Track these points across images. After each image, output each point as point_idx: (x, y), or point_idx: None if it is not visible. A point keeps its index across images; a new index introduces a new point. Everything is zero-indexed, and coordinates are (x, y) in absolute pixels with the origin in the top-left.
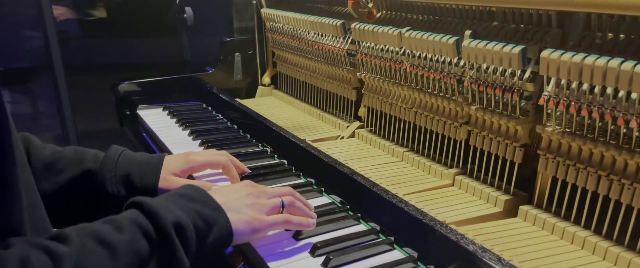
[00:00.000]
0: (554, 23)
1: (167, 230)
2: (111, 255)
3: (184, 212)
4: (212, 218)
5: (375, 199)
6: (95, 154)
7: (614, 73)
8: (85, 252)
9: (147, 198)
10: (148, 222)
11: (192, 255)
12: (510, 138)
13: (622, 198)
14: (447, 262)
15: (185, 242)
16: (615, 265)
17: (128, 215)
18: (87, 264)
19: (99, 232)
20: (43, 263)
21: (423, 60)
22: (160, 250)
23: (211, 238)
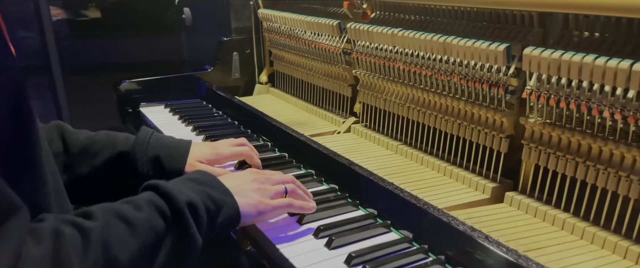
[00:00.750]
0: (535, 23)
1: (181, 209)
2: (131, 231)
3: (195, 193)
4: (221, 201)
5: (372, 187)
6: (126, 137)
7: (589, 68)
8: (109, 227)
9: (161, 181)
10: (163, 203)
11: (204, 233)
12: (496, 130)
13: (598, 182)
14: (439, 241)
15: (197, 220)
16: (591, 243)
17: (145, 196)
18: (110, 238)
19: (119, 210)
20: (73, 235)
21: (415, 58)
22: (175, 227)
23: (220, 218)
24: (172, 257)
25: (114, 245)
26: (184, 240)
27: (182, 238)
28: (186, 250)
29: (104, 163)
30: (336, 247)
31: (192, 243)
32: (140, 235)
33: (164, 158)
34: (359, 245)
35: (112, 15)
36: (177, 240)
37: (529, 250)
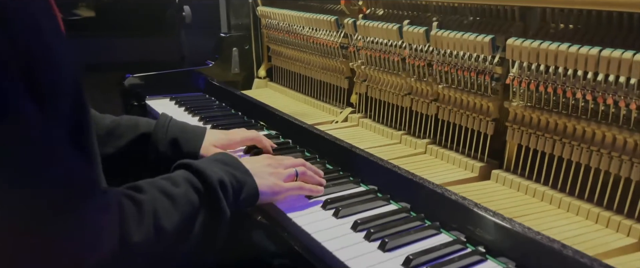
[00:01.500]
0: (517, 17)
1: (214, 185)
2: (173, 204)
3: (223, 172)
4: (242, 180)
5: (372, 166)
6: (147, 121)
7: (563, 55)
8: (156, 200)
9: (193, 161)
10: (197, 180)
11: (231, 207)
12: (483, 114)
13: (573, 157)
14: (434, 210)
15: (226, 195)
16: (567, 211)
17: (180, 173)
18: (158, 209)
19: (162, 186)
20: (129, 206)
21: (410, 50)
22: (207, 202)
23: (242, 196)
24: (206, 228)
25: (161, 215)
26: (216, 212)
27: (214, 211)
28: (217, 221)
29: (127, 144)
30: (343, 216)
31: (222, 215)
32: (180, 208)
33: (182, 140)
34: (362, 215)
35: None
36: (210, 213)
37: (513, 217)
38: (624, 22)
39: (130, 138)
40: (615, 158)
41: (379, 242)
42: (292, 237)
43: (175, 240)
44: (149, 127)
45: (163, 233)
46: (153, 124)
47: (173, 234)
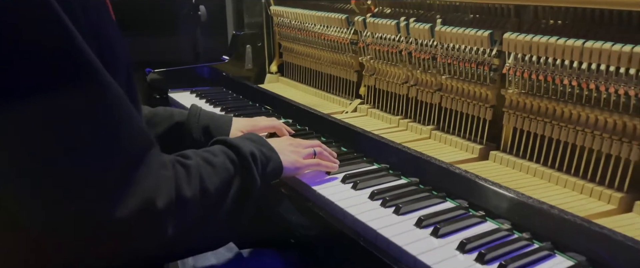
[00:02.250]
0: (512, 14)
1: (247, 157)
2: (214, 170)
3: (253, 147)
4: (269, 155)
5: (383, 147)
6: (180, 111)
7: (553, 47)
8: (200, 165)
9: (228, 138)
10: (232, 152)
11: (260, 178)
12: (482, 101)
13: (561, 137)
14: (440, 183)
15: (256, 165)
16: (556, 184)
17: (218, 147)
18: (202, 173)
19: (204, 155)
20: (180, 168)
21: (416, 45)
22: (241, 171)
23: (268, 169)
24: (240, 193)
25: (205, 178)
26: (248, 179)
27: (247, 178)
28: (249, 187)
29: (163, 132)
30: (361, 189)
31: (253, 182)
32: (219, 174)
33: (212, 127)
34: (378, 187)
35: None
36: (243, 180)
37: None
38: (604, 17)
39: (166, 126)
40: (598, 137)
41: (393, 208)
42: (316, 206)
43: (215, 202)
44: (182, 117)
45: (206, 194)
46: (186, 114)
47: (214, 195)
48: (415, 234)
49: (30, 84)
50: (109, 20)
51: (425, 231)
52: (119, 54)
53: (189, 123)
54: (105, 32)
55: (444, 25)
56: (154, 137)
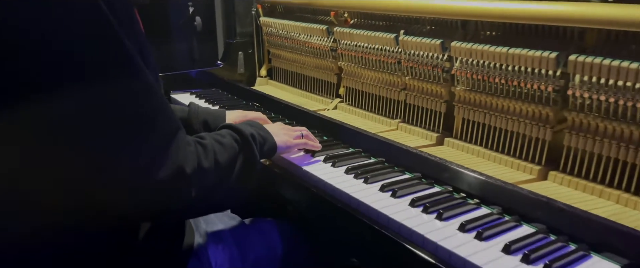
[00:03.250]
0: (459, 26)
1: (248, 137)
2: (223, 148)
3: (253, 130)
4: (265, 136)
5: (356, 136)
6: (181, 108)
7: (488, 53)
8: (213, 144)
9: (232, 123)
10: (236, 134)
11: (258, 154)
12: (437, 97)
13: (498, 124)
14: (401, 160)
15: (256, 144)
16: (494, 162)
17: (225, 130)
18: (215, 150)
19: (215, 137)
20: (199, 147)
21: (383, 51)
22: (243, 149)
23: (266, 147)
24: (244, 166)
25: (217, 154)
26: (249, 155)
27: (248, 155)
28: (251, 162)
29: None
30: (338, 167)
31: (254, 157)
32: (227, 150)
33: (210, 120)
34: (352, 164)
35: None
36: (246, 155)
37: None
38: (525, 29)
39: None
40: (522, 122)
41: (363, 179)
42: (304, 181)
43: (225, 172)
44: (183, 113)
45: (219, 166)
46: (186, 111)
47: (224, 167)
48: (378, 195)
49: (94, 78)
50: (140, 30)
51: (386, 194)
52: (148, 56)
53: (190, 118)
54: (141, 39)
55: (406, 35)
56: None
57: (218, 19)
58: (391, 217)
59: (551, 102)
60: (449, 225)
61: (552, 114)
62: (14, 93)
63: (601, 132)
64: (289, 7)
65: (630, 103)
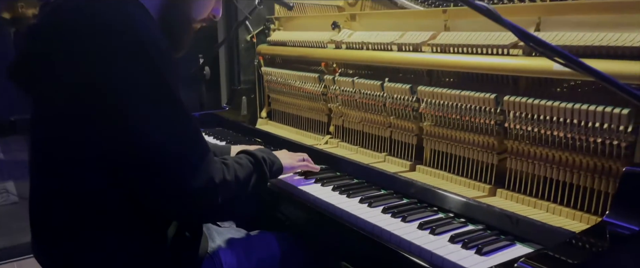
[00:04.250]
0: (425, 74)
1: (260, 160)
2: (242, 167)
3: (264, 154)
4: (274, 160)
5: (343, 164)
6: None
7: (445, 95)
8: (234, 164)
9: (248, 149)
10: (251, 158)
11: (268, 174)
12: (410, 131)
13: (455, 152)
14: (378, 181)
15: (266, 165)
16: (454, 183)
17: (242, 155)
18: (236, 168)
19: (235, 159)
20: (223, 165)
21: (362, 94)
22: (256, 169)
23: (274, 168)
24: (256, 182)
25: (237, 171)
26: (261, 174)
27: (260, 174)
28: (262, 180)
29: None
30: (326, 185)
31: (264, 175)
32: (244, 170)
33: (217, 153)
34: (338, 183)
35: None
36: (258, 174)
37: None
38: (474, 76)
39: None
40: (474, 150)
41: (346, 195)
42: (300, 198)
43: (243, 186)
44: None
45: (238, 180)
46: None
47: (242, 182)
48: (359, 207)
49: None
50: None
51: (364, 205)
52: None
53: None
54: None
55: (387, 82)
56: None
57: (222, 69)
58: (368, 220)
59: (494, 133)
60: (410, 225)
61: (496, 143)
62: (108, 127)
63: (533, 156)
64: (286, 59)
65: (555, 132)
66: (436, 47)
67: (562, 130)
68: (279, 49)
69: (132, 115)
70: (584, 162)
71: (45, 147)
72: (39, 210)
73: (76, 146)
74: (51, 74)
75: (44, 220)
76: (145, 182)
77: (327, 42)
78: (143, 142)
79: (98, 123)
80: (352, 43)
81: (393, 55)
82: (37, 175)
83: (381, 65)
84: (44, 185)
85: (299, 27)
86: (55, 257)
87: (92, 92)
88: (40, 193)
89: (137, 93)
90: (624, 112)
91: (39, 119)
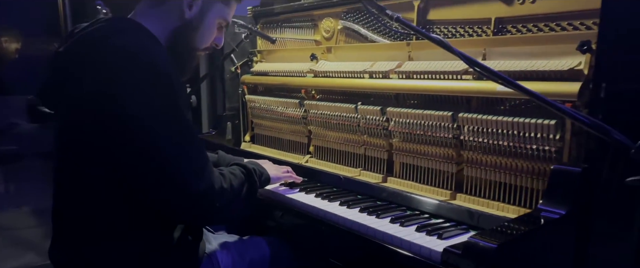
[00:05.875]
0: (392, 97)
1: (251, 171)
2: (235, 177)
3: (254, 166)
4: (262, 171)
5: (322, 175)
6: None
7: (409, 114)
8: (228, 174)
9: (240, 161)
10: (243, 169)
11: (258, 183)
12: (381, 147)
13: (420, 163)
14: (351, 188)
15: (256, 175)
16: (422, 191)
17: (234, 166)
18: (230, 178)
19: (229, 169)
20: (219, 176)
21: (339, 117)
22: (248, 179)
23: (263, 178)
24: (247, 191)
25: (232, 180)
26: (252, 183)
27: (251, 183)
28: (252, 189)
29: None
30: (309, 193)
31: (255, 184)
32: (237, 179)
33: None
34: (318, 192)
35: None
36: (249, 183)
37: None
38: (434, 98)
39: None
40: (437, 161)
41: (327, 199)
42: (285, 204)
43: (237, 194)
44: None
45: (232, 188)
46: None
47: (236, 190)
48: (339, 208)
49: (162, 127)
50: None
51: (344, 207)
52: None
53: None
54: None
55: (363, 105)
56: None
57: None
58: (348, 218)
59: (452, 145)
60: (383, 220)
61: (455, 154)
62: (124, 138)
63: (485, 164)
64: (268, 87)
65: (501, 142)
66: (402, 74)
67: (506, 140)
68: (262, 79)
69: (149, 132)
70: (524, 165)
71: (69, 157)
72: (60, 214)
73: (97, 158)
74: (79, 93)
75: (64, 223)
76: (157, 188)
77: (306, 72)
78: (157, 154)
79: (118, 138)
80: (329, 72)
81: (365, 81)
82: (60, 184)
83: (355, 91)
84: (66, 194)
85: (280, 58)
86: (72, 258)
87: (114, 111)
88: (63, 200)
89: (154, 113)
90: (552, 123)
91: (64, 132)
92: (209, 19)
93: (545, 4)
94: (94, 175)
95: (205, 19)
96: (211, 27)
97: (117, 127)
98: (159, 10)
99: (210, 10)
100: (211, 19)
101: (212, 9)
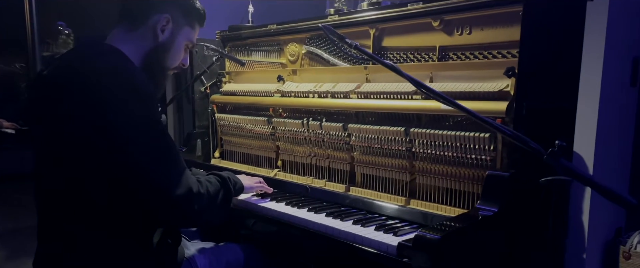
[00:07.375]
0: (353, 114)
1: (226, 179)
2: (211, 184)
3: (228, 175)
4: (236, 180)
5: (289, 186)
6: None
7: (368, 130)
8: (205, 181)
9: (216, 171)
10: (219, 177)
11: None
12: (343, 160)
13: (380, 174)
14: (318, 197)
15: (230, 184)
16: (381, 199)
17: (211, 175)
18: (207, 185)
19: (206, 178)
20: (197, 182)
21: (315, 133)
22: (223, 186)
23: (237, 187)
24: (223, 198)
25: (208, 186)
26: (227, 191)
27: (226, 191)
28: (227, 196)
29: None
30: (280, 202)
31: (229, 193)
32: (213, 186)
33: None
34: (288, 201)
35: None
36: (224, 190)
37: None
38: (390, 115)
39: None
40: (395, 171)
41: (296, 207)
42: (258, 212)
43: (213, 200)
44: None
45: (209, 194)
46: None
47: (212, 196)
48: (307, 214)
49: (143, 138)
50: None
51: (312, 213)
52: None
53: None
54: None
55: (326, 122)
56: None
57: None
58: (315, 221)
59: (406, 157)
60: (347, 222)
61: (408, 164)
62: (109, 150)
63: (434, 172)
64: (236, 106)
65: (447, 153)
66: (361, 94)
67: (451, 151)
68: (231, 98)
69: (131, 141)
70: (466, 173)
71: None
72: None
73: (81, 169)
74: (62, 111)
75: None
76: (140, 193)
77: (274, 92)
78: (139, 161)
79: (101, 149)
80: (296, 92)
81: (329, 101)
82: (42, 193)
83: (319, 109)
84: (50, 201)
85: (248, 79)
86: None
87: (98, 123)
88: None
89: (135, 124)
90: (486, 136)
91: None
92: (179, 41)
93: (479, 35)
94: (77, 185)
95: (175, 41)
96: (180, 48)
97: (100, 138)
98: (135, 34)
99: (179, 33)
100: (180, 41)
101: (181, 32)
